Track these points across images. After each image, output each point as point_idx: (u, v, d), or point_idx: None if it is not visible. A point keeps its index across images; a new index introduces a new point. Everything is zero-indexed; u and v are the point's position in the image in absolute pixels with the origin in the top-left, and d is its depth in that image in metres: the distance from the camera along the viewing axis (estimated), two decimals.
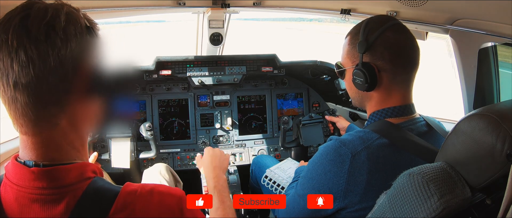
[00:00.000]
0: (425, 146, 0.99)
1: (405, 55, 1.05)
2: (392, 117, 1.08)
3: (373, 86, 1.05)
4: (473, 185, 0.76)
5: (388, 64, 1.03)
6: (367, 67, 1.04)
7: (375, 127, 1.05)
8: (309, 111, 2.56)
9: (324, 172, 1.03)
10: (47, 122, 0.67)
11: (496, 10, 1.28)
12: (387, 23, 1.05)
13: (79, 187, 0.69)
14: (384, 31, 1.04)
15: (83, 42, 0.68)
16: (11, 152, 1.69)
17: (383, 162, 0.99)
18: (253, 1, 2.00)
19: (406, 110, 1.08)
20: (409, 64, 1.06)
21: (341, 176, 0.99)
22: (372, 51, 1.04)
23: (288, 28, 33.93)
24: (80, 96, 0.69)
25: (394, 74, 1.05)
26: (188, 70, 2.30)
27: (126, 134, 2.03)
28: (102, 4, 1.63)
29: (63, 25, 0.64)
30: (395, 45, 1.03)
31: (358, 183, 0.98)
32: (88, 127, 0.77)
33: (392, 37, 1.04)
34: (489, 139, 0.72)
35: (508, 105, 0.79)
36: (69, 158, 0.71)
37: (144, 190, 0.72)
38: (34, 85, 0.62)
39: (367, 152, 0.98)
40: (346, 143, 1.01)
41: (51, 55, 0.62)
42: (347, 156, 0.99)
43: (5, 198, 0.68)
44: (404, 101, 1.08)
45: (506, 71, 1.64)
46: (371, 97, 1.11)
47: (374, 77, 1.04)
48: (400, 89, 1.07)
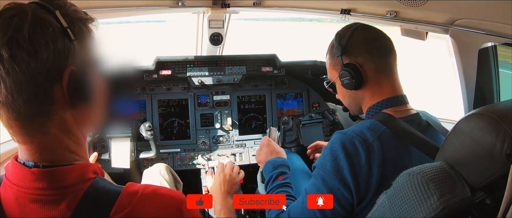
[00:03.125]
0: (428, 141, 1.01)
1: (378, 44, 1.15)
2: (389, 108, 1.12)
3: (360, 81, 1.12)
4: (472, 184, 0.76)
5: (366, 55, 1.12)
6: (349, 65, 1.13)
7: (378, 118, 1.07)
8: (309, 111, 2.56)
9: (341, 167, 1.01)
10: (37, 132, 0.65)
11: (496, 10, 1.28)
12: (352, 27, 1.18)
13: (80, 188, 0.68)
14: (353, 32, 1.15)
15: (58, 48, 0.62)
16: (11, 152, 1.69)
17: (392, 153, 1.01)
18: (253, 1, 2.00)
19: (399, 100, 1.13)
20: (384, 50, 1.14)
21: (360, 169, 0.99)
22: (349, 51, 1.15)
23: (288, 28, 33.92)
24: (66, 103, 0.66)
25: (375, 63, 1.12)
26: (188, 70, 2.30)
27: (126, 134, 2.03)
28: (102, 4, 1.63)
29: (27, 36, 0.59)
30: (366, 39, 1.15)
31: (374, 174, 0.99)
32: (83, 130, 0.75)
33: (361, 34, 1.16)
34: (488, 138, 0.72)
35: (507, 105, 0.79)
36: (67, 160, 0.70)
37: (145, 191, 0.72)
38: (11, 102, 0.61)
39: (378, 143, 1.00)
40: (359, 135, 1.02)
41: (19, 71, 0.59)
42: (362, 147, 1.00)
43: (5, 199, 0.68)
44: (395, 91, 1.14)
45: (506, 71, 1.64)
46: (364, 95, 1.17)
47: (358, 72, 1.11)
48: (387, 77, 1.14)
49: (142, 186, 0.74)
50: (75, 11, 0.68)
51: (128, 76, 2.24)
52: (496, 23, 1.34)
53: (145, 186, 0.74)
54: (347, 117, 2.44)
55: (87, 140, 0.80)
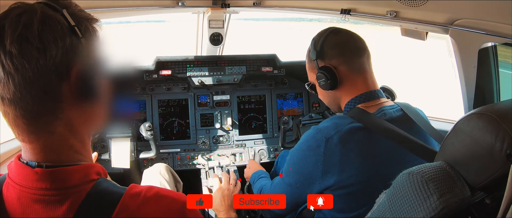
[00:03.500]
0: (394, 130, 1.10)
1: (350, 45, 1.24)
2: (362, 103, 1.21)
3: (335, 82, 1.22)
4: (472, 184, 0.76)
5: (340, 57, 1.22)
6: (324, 68, 1.23)
7: (350, 113, 1.19)
8: (309, 111, 2.56)
9: (304, 157, 1.17)
10: (43, 131, 0.66)
11: (496, 10, 1.28)
12: (326, 31, 1.28)
13: (83, 189, 0.68)
14: (326, 37, 1.25)
15: (66, 45, 0.63)
16: (11, 152, 1.70)
17: (355, 144, 1.11)
18: (253, 1, 2.00)
19: (372, 95, 1.22)
20: (356, 51, 1.23)
21: (318, 159, 1.12)
22: (323, 55, 1.24)
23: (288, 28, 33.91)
24: (73, 101, 0.67)
25: (348, 64, 1.22)
26: (188, 70, 2.30)
27: (126, 134, 2.03)
28: (102, 4, 1.63)
29: (37, 33, 0.60)
30: (338, 42, 1.24)
31: (333, 164, 1.10)
32: (88, 129, 0.75)
33: (334, 38, 1.25)
34: (488, 138, 0.72)
35: (507, 105, 0.79)
36: (72, 160, 0.70)
37: (148, 193, 0.72)
38: (19, 99, 0.61)
39: (338, 136, 1.11)
40: (321, 130, 1.15)
41: (28, 68, 0.60)
42: (322, 141, 1.12)
43: (8, 198, 0.68)
44: (368, 87, 1.23)
45: (506, 71, 1.64)
46: (341, 94, 1.27)
47: (333, 74, 1.21)
48: (360, 75, 1.23)
49: (145, 187, 0.74)
50: (81, 11, 0.69)
51: (128, 76, 2.24)
52: (496, 23, 1.34)
53: (148, 187, 0.74)
54: None
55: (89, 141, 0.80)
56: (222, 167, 2.27)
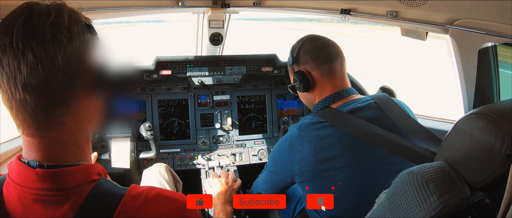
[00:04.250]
0: (346, 120, 1.23)
1: (323, 53, 1.36)
2: (332, 103, 1.34)
3: (308, 85, 1.36)
4: (472, 184, 0.76)
5: (312, 63, 1.36)
6: (299, 73, 1.37)
7: (316, 112, 1.35)
8: (309, 111, 2.56)
9: (277, 150, 1.38)
10: (55, 122, 0.67)
11: (496, 10, 1.28)
12: (304, 39, 1.42)
13: (84, 189, 0.68)
14: (302, 44, 1.40)
15: (85, 40, 0.69)
16: (11, 152, 1.70)
17: (311, 135, 1.25)
18: (253, 1, 2.00)
19: (340, 94, 1.35)
20: (329, 57, 1.36)
21: (286, 151, 1.31)
22: (298, 60, 1.40)
23: (288, 28, 33.91)
24: (85, 94, 0.70)
25: (321, 69, 1.35)
26: (188, 70, 2.30)
27: (126, 134, 2.03)
28: (102, 4, 1.63)
29: (67, 24, 0.65)
30: (312, 49, 1.37)
31: (296, 153, 1.26)
32: (92, 125, 0.77)
33: (309, 45, 1.39)
34: (488, 138, 0.72)
35: (507, 105, 0.79)
36: (74, 158, 0.71)
37: (149, 194, 0.72)
38: (44, 85, 0.63)
39: (299, 131, 1.28)
40: (291, 128, 1.33)
41: (58, 54, 0.63)
42: (289, 136, 1.32)
43: (8, 198, 0.68)
44: (336, 88, 1.36)
45: (506, 71, 1.64)
46: (314, 96, 1.41)
47: (306, 78, 1.36)
48: (331, 80, 1.36)
49: (146, 188, 0.74)
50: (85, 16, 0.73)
51: (128, 76, 2.24)
52: (496, 23, 1.34)
53: (149, 188, 0.74)
54: None
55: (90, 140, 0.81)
56: (222, 167, 2.27)
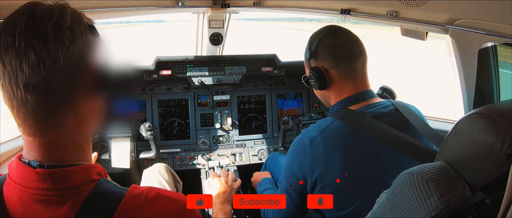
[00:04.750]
0: (373, 127, 1.14)
1: (344, 51, 1.23)
2: (351, 105, 1.23)
3: (324, 83, 1.24)
4: (472, 184, 0.76)
5: (331, 61, 1.23)
6: (316, 69, 1.24)
7: (335, 114, 1.23)
8: (309, 111, 2.56)
9: (293, 159, 1.23)
10: (56, 122, 0.67)
11: (496, 10, 1.28)
12: (324, 31, 1.27)
13: (84, 189, 0.68)
14: (322, 37, 1.25)
15: (87, 41, 0.69)
16: (11, 152, 1.70)
17: (337, 142, 1.15)
18: (253, 1, 2.00)
19: (361, 96, 1.23)
20: (350, 56, 1.23)
21: (306, 158, 1.17)
22: (316, 56, 1.26)
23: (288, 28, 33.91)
24: (86, 94, 0.70)
25: (340, 69, 1.23)
26: (188, 70, 2.30)
27: (126, 134, 2.03)
28: (102, 4, 1.63)
29: (69, 24, 0.65)
30: (332, 46, 1.24)
31: (319, 161, 1.15)
32: (93, 125, 0.77)
33: (329, 40, 1.25)
34: (488, 138, 0.72)
35: (507, 105, 0.79)
36: (74, 158, 0.71)
37: (149, 195, 0.72)
38: (46, 85, 0.63)
39: (321, 136, 1.16)
40: (307, 132, 1.21)
41: (60, 54, 0.63)
42: (307, 141, 1.18)
43: (8, 198, 0.68)
44: (357, 89, 1.24)
45: (506, 71, 1.64)
46: (330, 95, 1.29)
47: (322, 76, 1.23)
48: (351, 80, 1.24)
49: (146, 188, 0.74)
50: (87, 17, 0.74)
51: (129, 76, 2.24)
52: (496, 23, 1.34)
53: (149, 188, 0.74)
54: None
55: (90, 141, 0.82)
56: (222, 167, 2.27)
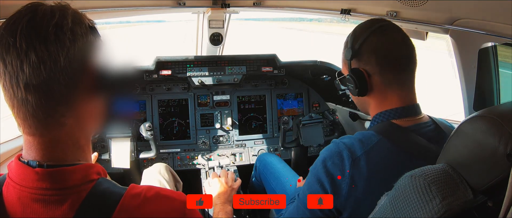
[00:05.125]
0: (432, 150, 0.96)
1: (393, 56, 1.03)
2: (397, 119, 1.04)
3: (364, 91, 1.06)
4: (475, 187, 0.75)
5: (376, 67, 1.03)
6: (356, 72, 1.05)
7: (379, 129, 1.03)
8: (309, 111, 2.56)
9: (323, 176, 1.01)
10: (56, 123, 0.67)
11: (496, 10, 1.28)
12: (371, 27, 1.05)
13: (83, 189, 0.69)
14: (368, 36, 1.04)
15: (88, 42, 0.69)
16: (11, 152, 1.69)
17: (384, 166, 0.96)
18: (253, 1, 2.00)
19: (410, 111, 1.05)
20: (399, 64, 1.04)
21: (343, 181, 0.97)
22: (359, 57, 1.06)
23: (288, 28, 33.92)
24: (86, 94, 0.71)
25: (384, 77, 1.04)
26: (188, 70, 2.30)
27: (126, 134, 2.03)
28: (102, 4, 1.63)
29: (70, 25, 0.65)
30: (380, 48, 1.03)
31: (358, 187, 0.96)
32: (92, 125, 0.77)
33: (377, 41, 1.04)
34: (491, 141, 0.71)
35: (510, 107, 0.79)
36: (73, 158, 0.71)
37: (148, 194, 0.73)
38: (46, 85, 0.63)
39: (366, 158, 0.96)
40: (348, 146, 0.99)
41: (61, 55, 0.63)
42: (348, 160, 0.97)
43: (8, 198, 0.68)
44: (404, 102, 1.05)
45: (506, 71, 1.64)
46: (369, 101, 1.11)
47: (363, 82, 1.05)
48: (396, 90, 1.05)
49: (145, 187, 0.74)
50: (89, 18, 0.74)
51: (129, 77, 2.24)
52: (496, 23, 1.33)
53: (148, 188, 0.75)
54: (347, 117, 2.45)
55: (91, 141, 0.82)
56: (222, 167, 2.27)
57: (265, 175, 1.97)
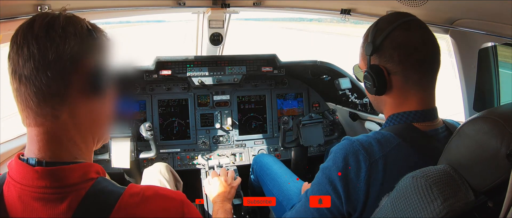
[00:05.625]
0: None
1: (417, 55, 0.94)
2: (416, 122, 0.97)
3: (382, 90, 0.98)
4: (476, 188, 0.75)
5: (398, 66, 0.95)
6: (375, 70, 0.97)
7: (398, 131, 0.96)
8: (309, 111, 2.56)
9: (336, 179, 0.94)
10: (48, 114, 0.69)
11: (496, 10, 1.28)
12: (396, 21, 0.96)
13: (82, 187, 0.70)
14: (393, 30, 0.95)
15: (84, 43, 0.72)
16: (11, 152, 1.69)
17: (403, 171, 0.85)
18: (253, 1, 2.00)
19: (429, 115, 0.98)
20: (423, 64, 0.95)
21: (357, 184, 0.91)
22: (380, 52, 0.97)
23: (288, 28, 33.93)
24: (80, 92, 0.72)
25: (406, 77, 0.96)
26: (188, 70, 2.30)
27: (126, 134, 2.03)
28: (102, 4, 1.63)
29: (62, 24, 0.70)
30: (404, 45, 0.94)
31: (372, 192, 0.90)
32: (94, 128, 0.78)
33: (401, 36, 0.95)
34: (493, 142, 0.71)
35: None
36: (69, 155, 0.72)
37: (147, 193, 0.73)
38: (34, 77, 0.67)
39: (383, 162, 0.90)
40: (365, 148, 0.92)
41: (49, 49, 0.67)
42: (365, 162, 0.90)
43: (8, 197, 0.69)
44: (425, 105, 0.98)
45: (506, 71, 1.64)
46: (386, 101, 1.03)
47: (383, 80, 0.97)
48: (417, 92, 0.97)
49: (144, 187, 0.75)
50: (96, 24, 0.79)
51: (129, 76, 2.24)
52: (496, 23, 1.33)
53: (147, 187, 0.75)
54: (347, 117, 2.45)
55: (98, 146, 0.84)
56: (222, 166, 2.27)
57: (262, 176, 1.97)
